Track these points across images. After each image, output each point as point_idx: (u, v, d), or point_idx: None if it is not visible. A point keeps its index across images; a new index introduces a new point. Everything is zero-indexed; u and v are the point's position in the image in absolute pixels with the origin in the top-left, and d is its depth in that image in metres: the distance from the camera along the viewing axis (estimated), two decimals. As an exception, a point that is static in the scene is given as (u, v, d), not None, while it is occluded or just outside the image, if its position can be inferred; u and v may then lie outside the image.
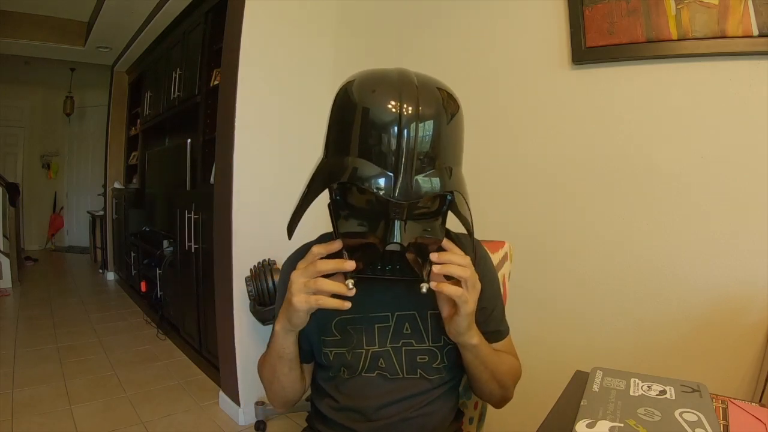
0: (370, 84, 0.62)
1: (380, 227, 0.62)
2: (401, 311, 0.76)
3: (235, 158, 1.85)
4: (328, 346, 0.77)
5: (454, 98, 0.65)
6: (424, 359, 0.76)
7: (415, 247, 0.64)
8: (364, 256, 0.65)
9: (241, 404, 1.92)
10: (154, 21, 3.25)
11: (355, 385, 0.78)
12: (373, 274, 0.66)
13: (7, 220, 4.13)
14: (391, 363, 0.76)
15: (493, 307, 0.81)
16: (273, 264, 1.76)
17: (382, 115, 0.58)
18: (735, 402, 0.63)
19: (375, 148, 0.58)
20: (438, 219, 0.68)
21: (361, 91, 0.61)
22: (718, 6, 1.12)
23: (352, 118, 0.61)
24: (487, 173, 1.59)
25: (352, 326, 0.76)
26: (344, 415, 0.79)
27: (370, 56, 2.00)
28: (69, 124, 6.06)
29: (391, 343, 0.76)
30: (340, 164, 0.61)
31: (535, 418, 0.67)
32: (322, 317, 0.76)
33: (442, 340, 0.76)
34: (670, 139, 1.23)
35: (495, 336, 0.81)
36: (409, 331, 0.76)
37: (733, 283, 1.14)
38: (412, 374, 0.77)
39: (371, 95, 0.61)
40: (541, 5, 1.45)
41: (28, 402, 1.96)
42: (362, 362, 0.76)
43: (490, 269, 0.84)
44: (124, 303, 3.74)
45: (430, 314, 0.76)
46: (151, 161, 3.66)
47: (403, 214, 0.60)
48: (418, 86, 0.60)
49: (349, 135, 0.61)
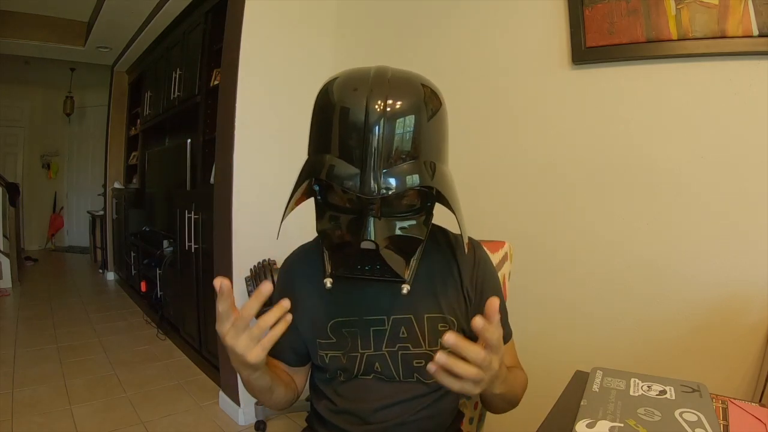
0: (345, 82, 0.63)
1: (355, 225, 0.62)
2: (397, 315, 0.74)
3: (235, 158, 1.85)
4: (323, 348, 0.76)
5: (436, 94, 0.65)
6: (420, 363, 0.74)
7: (394, 246, 0.64)
8: (344, 255, 0.64)
9: (241, 404, 1.92)
10: (154, 21, 3.25)
11: (352, 388, 0.77)
12: (352, 274, 0.65)
13: (7, 220, 4.13)
14: (387, 367, 0.75)
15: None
16: (273, 264, 1.76)
17: (351, 113, 0.59)
18: (735, 402, 0.63)
19: (346, 146, 0.59)
20: (422, 216, 0.66)
21: (336, 90, 0.62)
22: (718, 6, 1.12)
23: (327, 116, 0.62)
24: (488, 173, 1.59)
25: (347, 329, 0.75)
26: (342, 418, 0.78)
27: (370, 56, 2.00)
28: (69, 124, 6.07)
29: (387, 347, 0.74)
30: (317, 162, 0.62)
31: (535, 418, 0.67)
32: (318, 320, 0.76)
33: (439, 344, 0.73)
34: (671, 139, 1.23)
35: None
36: (405, 335, 0.74)
37: (733, 283, 1.14)
38: (409, 378, 0.75)
39: (344, 93, 0.61)
40: (541, 5, 1.45)
41: (28, 402, 1.96)
42: (358, 366, 0.75)
43: (492, 272, 0.81)
44: (124, 303, 3.74)
45: (427, 318, 0.74)
46: (151, 161, 3.66)
47: (377, 212, 0.60)
48: (390, 82, 0.60)
49: (326, 133, 0.62)
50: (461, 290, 0.76)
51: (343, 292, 0.75)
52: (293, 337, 0.77)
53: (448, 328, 0.74)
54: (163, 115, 3.41)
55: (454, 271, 0.77)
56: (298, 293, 0.77)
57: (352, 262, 0.64)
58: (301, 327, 0.77)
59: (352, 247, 0.63)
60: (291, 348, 0.79)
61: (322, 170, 0.60)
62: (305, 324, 0.77)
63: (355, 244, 0.62)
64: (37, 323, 3.06)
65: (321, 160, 0.61)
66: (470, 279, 0.77)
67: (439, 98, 0.65)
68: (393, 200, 0.64)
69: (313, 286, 0.77)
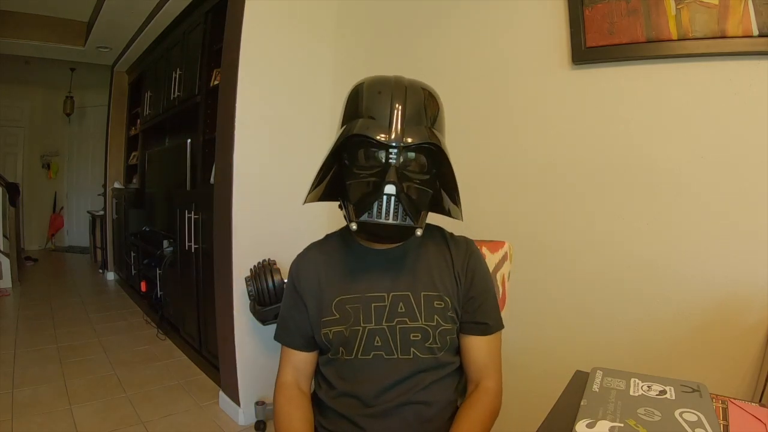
0: (373, 80, 0.81)
1: (379, 176, 0.75)
2: (396, 291, 0.83)
3: (235, 158, 1.85)
4: (327, 326, 0.83)
5: (438, 98, 0.83)
6: (417, 336, 0.81)
7: (409, 195, 0.76)
8: (367, 203, 0.76)
9: (241, 404, 1.92)
10: (154, 21, 3.25)
11: (353, 368, 0.82)
12: (373, 219, 0.76)
13: (7, 220, 4.13)
14: (387, 341, 0.81)
15: (484, 300, 0.86)
16: (273, 264, 1.76)
17: (380, 92, 0.78)
18: (735, 402, 0.63)
19: (376, 109, 0.77)
20: (429, 177, 0.79)
21: (365, 83, 0.82)
22: (718, 6, 1.12)
23: (358, 98, 0.80)
24: (488, 173, 1.59)
25: (350, 305, 0.82)
26: (342, 402, 0.82)
27: (370, 56, 2.01)
28: (69, 124, 6.07)
29: (387, 322, 0.81)
30: (351, 125, 0.77)
31: (535, 418, 0.67)
32: (324, 299, 0.84)
33: (435, 320, 0.81)
34: (670, 139, 1.23)
35: (481, 329, 0.85)
36: (403, 309, 0.81)
37: (733, 283, 1.14)
38: (406, 354, 0.81)
39: (372, 83, 0.81)
40: (541, 5, 1.45)
41: (28, 402, 1.96)
42: (359, 339, 0.80)
43: (481, 263, 0.89)
44: (124, 303, 3.74)
45: (424, 295, 0.82)
46: (151, 161, 3.66)
47: (398, 158, 0.75)
48: (406, 83, 0.79)
49: (356, 107, 0.80)
50: (453, 272, 0.86)
51: (348, 273, 0.85)
52: (301, 324, 0.86)
53: (443, 305, 0.83)
54: (163, 115, 3.40)
55: (448, 258, 0.87)
56: (312, 275, 0.87)
57: (374, 208, 0.76)
58: (310, 307, 0.85)
59: (374, 195, 0.75)
60: (299, 333, 0.87)
61: (356, 127, 0.75)
62: (312, 306, 0.85)
63: (377, 191, 0.74)
64: (37, 323, 3.06)
65: (354, 123, 0.77)
66: (461, 265, 0.86)
67: (440, 102, 0.83)
68: (409, 162, 0.77)
69: (323, 269, 0.87)
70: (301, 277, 0.88)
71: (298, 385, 0.88)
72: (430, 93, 0.81)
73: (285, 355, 0.89)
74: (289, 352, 0.88)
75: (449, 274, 0.85)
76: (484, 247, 1.07)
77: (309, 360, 0.88)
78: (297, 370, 0.88)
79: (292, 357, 0.88)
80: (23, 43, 3.92)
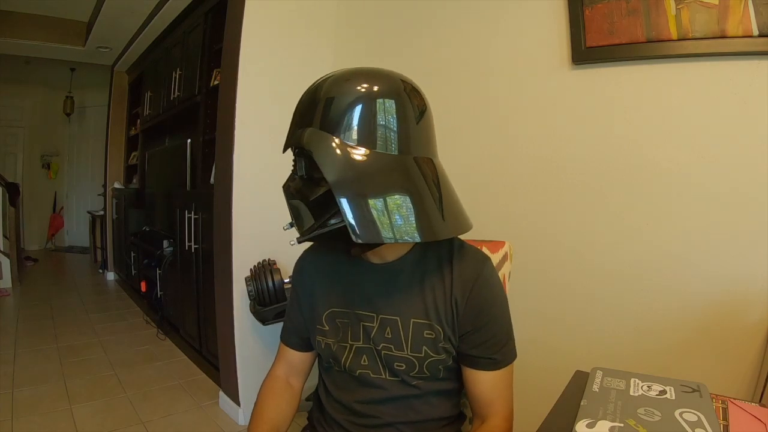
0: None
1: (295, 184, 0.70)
2: (385, 315, 0.75)
3: (235, 158, 1.85)
4: (319, 334, 0.81)
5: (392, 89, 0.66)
6: (401, 366, 0.74)
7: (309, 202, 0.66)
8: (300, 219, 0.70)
9: (241, 404, 1.92)
10: (154, 21, 3.25)
11: (345, 379, 0.80)
12: (291, 225, 0.71)
13: (7, 220, 4.13)
14: (375, 362, 0.76)
15: (493, 332, 0.73)
16: (273, 264, 1.76)
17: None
18: (735, 402, 0.63)
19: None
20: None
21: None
22: (718, 6, 1.12)
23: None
24: (488, 173, 1.59)
25: (340, 320, 0.79)
26: (334, 407, 0.81)
27: (370, 56, 2.00)
28: (69, 124, 6.07)
29: (374, 344, 0.76)
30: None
31: (535, 418, 0.67)
32: (315, 308, 0.81)
33: (423, 351, 0.73)
34: (670, 139, 1.23)
35: (487, 364, 0.73)
36: (389, 335, 0.74)
37: (733, 283, 1.14)
38: (393, 377, 0.76)
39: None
40: (541, 5, 1.45)
41: (28, 402, 1.96)
42: (346, 356, 0.78)
43: (491, 289, 0.75)
44: (124, 303, 3.74)
45: (413, 323, 0.73)
46: (151, 161, 3.66)
47: (302, 170, 0.67)
48: (324, 81, 0.68)
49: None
50: (450, 297, 0.73)
51: (342, 284, 0.80)
52: (298, 325, 0.85)
53: (434, 336, 0.73)
54: (163, 115, 3.40)
55: (447, 280, 0.74)
56: (307, 279, 0.84)
57: (293, 215, 0.70)
58: (305, 311, 0.83)
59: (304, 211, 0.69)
60: (296, 333, 0.86)
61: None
62: (307, 309, 0.83)
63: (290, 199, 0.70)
64: (37, 323, 3.05)
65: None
66: (462, 290, 0.73)
67: (396, 90, 0.66)
68: (314, 165, 0.63)
69: (319, 276, 0.83)
70: (300, 280, 0.86)
71: (287, 379, 0.87)
72: (349, 89, 0.65)
73: (281, 350, 0.89)
74: (285, 349, 0.88)
75: (444, 300, 0.73)
76: (484, 246, 1.07)
77: (304, 359, 0.88)
78: (290, 366, 0.88)
79: (286, 353, 0.88)
80: (23, 43, 3.91)
